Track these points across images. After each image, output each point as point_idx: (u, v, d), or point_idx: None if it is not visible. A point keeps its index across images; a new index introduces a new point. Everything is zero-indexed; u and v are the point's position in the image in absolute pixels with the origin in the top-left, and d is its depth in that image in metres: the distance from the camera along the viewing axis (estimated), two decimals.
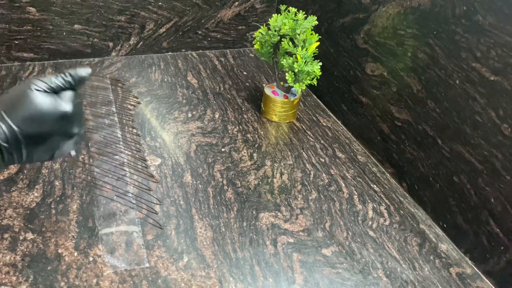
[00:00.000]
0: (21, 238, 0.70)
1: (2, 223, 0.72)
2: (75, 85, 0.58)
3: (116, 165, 0.86)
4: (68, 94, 0.57)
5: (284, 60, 0.98)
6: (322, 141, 1.03)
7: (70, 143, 0.59)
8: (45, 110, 0.54)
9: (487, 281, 0.74)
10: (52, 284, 0.64)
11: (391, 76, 0.93)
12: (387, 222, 0.83)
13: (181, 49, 1.34)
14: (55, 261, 0.67)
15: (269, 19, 1.00)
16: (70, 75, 0.57)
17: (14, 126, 0.52)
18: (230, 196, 0.84)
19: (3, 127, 0.52)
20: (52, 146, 0.57)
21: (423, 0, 0.82)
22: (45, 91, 0.54)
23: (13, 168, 0.82)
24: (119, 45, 1.25)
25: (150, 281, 0.66)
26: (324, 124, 1.10)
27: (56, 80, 0.56)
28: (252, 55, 1.39)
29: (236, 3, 1.33)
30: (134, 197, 0.80)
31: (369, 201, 0.87)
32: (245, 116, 1.08)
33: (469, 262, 0.77)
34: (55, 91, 0.56)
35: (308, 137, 1.04)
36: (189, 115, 1.06)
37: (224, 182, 0.87)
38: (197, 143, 0.96)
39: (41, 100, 0.53)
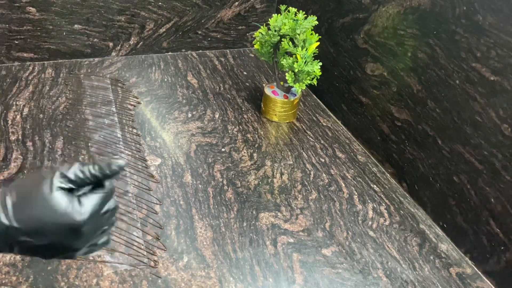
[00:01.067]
0: None
1: None
2: (105, 179, 0.47)
3: None
4: (92, 199, 0.46)
5: (284, 60, 0.98)
6: (322, 141, 1.03)
7: (69, 256, 0.47)
8: (55, 219, 0.44)
9: (487, 281, 0.74)
10: (52, 284, 0.64)
11: (391, 76, 0.93)
12: (387, 222, 0.83)
13: (181, 49, 1.34)
14: (55, 261, 0.67)
15: (269, 19, 1.00)
16: (102, 169, 0.46)
17: (14, 223, 0.43)
18: (230, 196, 0.84)
19: (5, 221, 0.43)
20: (49, 253, 0.46)
21: (423, 0, 0.82)
22: (66, 189, 0.45)
23: (13, 168, 0.82)
24: (119, 45, 1.25)
25: (150, 281, 0.66)
26: (324, 124, 1.10)
27: (85, 172, 0.46)
28: (252, 55, 1.39)
29: (236, 3, 1.33)
30: (134, 197, 0.80)
31: (369, 201, 0.87)
32: (245, 116, 1.08)
33: (469, 262, 0.77)
34: (79, 185, 0.46)
35: (308, 137, 1.04)
36: (189, 115, 1.06)
37: (224, 182, 0.87)
38: (197, 143, 0.96)
39: (56, 204, 0.43)
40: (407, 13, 0.86)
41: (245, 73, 1.28)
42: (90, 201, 0.45)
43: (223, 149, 0.95)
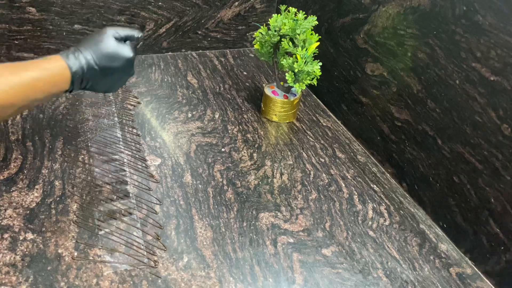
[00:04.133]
0: (21, 238, 0.70)
1: (2, 223, 0.72)
2: (134, 38, 0.76)
3: (116, 165, 0.86)
4: (132, 43, 0.75)
5: (284, 60, 0.98)
6: (322, 141, 1.03)
7: (124, 81, 0.78)
8: (118, 52, 0.72)
9: (487, 281, 0.74)
10: (52, 284, 0.64)
11: (391, 76, 0.93)
12: (387, 222, 0.83)
13: (181, 49, 1.34)
14: (55, 261, 0.67)
15: (269, 19, 1.00)
16: (133, 32, 0.76)
17: (94, 58, 0.70)
18: (230, 196, 0.84)
19: (87, 56, 0.69)
20: (113, 80, 0.74)
21: (423, 0, 0.82)
22: (117, 39, 0.73)
23: (13, 168, 0.82)
24: None
25: (150, 281, 0.66)
26: (324, 124, 1.10)
27: (125, 32, 0.75)
28: (252, 55, 1.39)
29: (236, 3, 1.33)
30: (134, 197, 0.80)
31: (369, 201, 0.87)
32: (245, 116, 1.08)
33: (469, 262, 0.77)
34: (123, 39, 0.74)
35: (308, 137, 1.04)
36: (189, 115, 1.06)
37: (224, 182, 0.87)
38: (197, 143, 0.96)
39: (115, 44, 0.72)
40: (407, 13, 0.86)
41: (245, 73, 1.28)
42: (132, 46, 0.75)
43: (223, 149, 0.95)
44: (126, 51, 0.73)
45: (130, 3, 1.20)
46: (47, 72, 0.65)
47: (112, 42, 0.72)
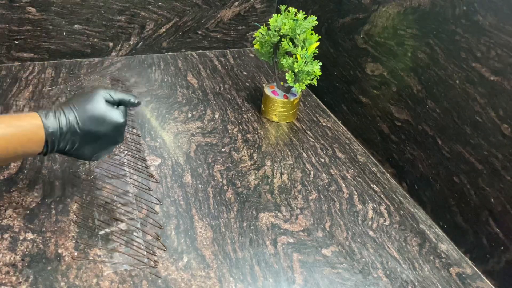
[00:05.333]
0: (21, 238, 0.70)
1: (2, 223, 0.72)
2: (129, 104, 0.70)
3: (116, 165, 0.86)
4: (123, 109, 0.69)
5: (284, 60, 0.98)
6: (322, 141, 1.03)
7: (111, 150, 0.71)
8: (106, 116, 0.65)
9: (487, 281, 0.74)
10: (52, 284, 0.64)
11: (391, 76, 0.93)
12: (387, 222, 0.83)
13: (181, 49, 1.34)
14: (55, 261, 0.67)
15: (269, 19, 1.00)
16: (129, 97, 0.70)
17: (78, 119, 0.63)
18: (230, 196, 0.84)
19: (70, 117, 0.62)
20: (97, 147, 0.67)
21: (423, 0, 0.82)
22: (109, 102, 0.67)
23: (13, 168, 0.82)
24: (119, 45, 1.25)
25: (150, 281, 0.66)
26: (324, 124, 1.10)
27: (119, 95, 0.68)
28: (252, 55, 1.39)
29: (236, 3, 1.33)
30: (134, 197, 0.80)
31: (369, 201, 0.87)
32: (245, 116, 1.08)
33: (469, 262, 0.77)
34: (115, 104, 0.68)
35: (308, 137, 1.04)
36: (189, 115, 1.06)
37: (224, 182, 0.87)
38: (197, 143, 0.96)
39: (105, 107, 0.65)
40: (407, 13, 0.86)
41: (245, 73, 1.28)
42: (123, 111, 0.69)
43: (223, 149, 0.95)
44: (115, 116, 0.66)
45: (130, 3, 1.20)
46: (16, 130, 0.59)
47: (102, 105, 0.65)
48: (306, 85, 0.99)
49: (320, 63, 0.97)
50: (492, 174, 0.72)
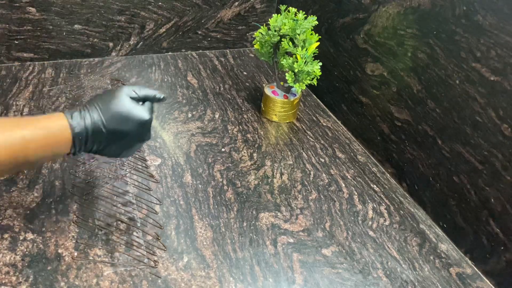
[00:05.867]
0: (21, 238, 0.70)
1: (2, 223, 0.72)
2: (154, 100, 0.68)
3: (116, 165, 0.86)
4: (149, 105, 0.67)
5: (284, 60, 0.98)
6: (322, 141, 1.03)
7: (138, 147, 0.69)
8: (131, 114, 0.63)
9: (487, 281, 0.74)
10: (52, 284, 0.64)
11: (391, 76, 0.93)
12: (387, 222, 0.83)
13: (181, 49, 1.34)
14: (55, 261, 0.67)
15: (269, 19, 1.00)
16: (154, 92, 0.68)
17: (103, 118, 0.61)
18: (230, 196, 0.84)
19: (95, 116, 0.61)
20: (124, 145, 0.66)
21: (423, 0, 0.82)
22: (133, 98, 0.65)
23: None
24: (119, 45, 1.25)
25: (150, 281, 0.66)
26: (324, 124, 1.10)
27: (144, 91, 0.67)
28: (252, 55, 1.39)
29: (236, 3, 1.33)
30: (134, 197, 0.80)
31: (369, 201, 0.87)
32: (245, 116, 1.08)
33: (469, 262, 0.77)
34: (140, 100, 0.66)
35: (308, 137, 1.04)
36: (189, 115, 1.06)
37: (224, 182, 0.87)
38: (197, 143, 0.96)
39: (130, 104, 0.64)
40: (407, 13, 0.86)
41: (245, 73, 1.28)
42: (149, 106, 0.67)
43: (223, 149, 0.95)
44: (140, 113, 0.64)
45: (130, 3, 1.20)
46: (43, 132, 0.58)
47: (126, 102, 0.63)
48: (306, 85, 0.99)
49: (320, 63, 0.97)
50: (492, 174, 0.72)
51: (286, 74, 0.99)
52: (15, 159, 0.55)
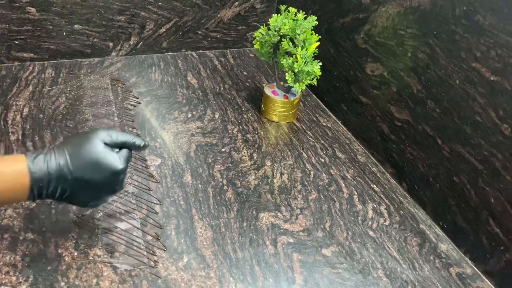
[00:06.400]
0: (21, 238, 0.70)
1: (2, 223, 0.72)
2: (133, 147, 0.63)
3: None
4: (125, 153, 0.61)
5: (284, 60, 0.98)
6: (322, 141, 1.03)
7: (107, 199, 0.63)
8: (102, 162, 0.58)
9: (487, 281, 0.74)
10: (52, 284, 0.64)
11: (391, 76, 0.93)
12: (387, 222, 0.83)
13: (181, 49, 1.34)
14: (55, 261, 0.67)
15: (269, 19, 1.00)
16: (134, 139, 0.62)
17: (69, 164, 0.56)
18: (230, 196, 0.84)
19: (61, 161, 0.56)
20: (92, 195, 0.60)
21: (423, 0, 0.82)
22: (108, 144, 0.59)
23: None
24: (119, 45, 1.25)
25: (150, 281, 0.66)
26: (324, 124, 1.10)
27: (121, 137, 0.61)
28: (252, 55, 1.39)
29: (236, 3, 1.33)
30: (134, 197, 0.80)
31: (369, 201, 0.87)
32: (245, 116, 1.08)
33: (469, 262, 0.77)
34: (116, 147, 0.61)
35: (308, 137, 1.04)
36: (189, 115, 1.06)
37: (224, 182, 0.87)
38: (197, 143, 0.96)
39: (102, 151, 0.58)
40: (407, 13, 0.86)
41: (245, 73, 1.28)
42: (124, 156, 0.60)
43: (223, 149, 0.95)
44: (113, 161, 0.58)
45: (130, 3, 1.20)
46: None
47: (99, 148, 0.58)
48: (306, 85, 0.99)
49: (320, 63, 0.97)
50: (492, 174, 0.72)
51: (286, 74, 0.99)
52: None
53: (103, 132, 0.59)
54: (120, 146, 0.61)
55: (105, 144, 0.59)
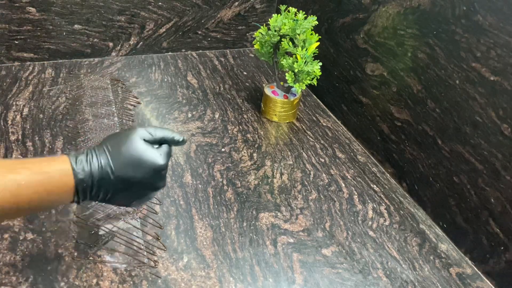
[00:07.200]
0: (21, 238, 0.70)
1: (2, 223, 0.72)
2: (172, 142, 0.61)
3: None
4: (166, 149, 0.60)
5: (284, 60, 0.98)
6: (322, 141, 1.03)
7: (151, 196, 0.61)
8: (144, 158, 0.56)
9: (487, 281, 0.74)
10: (52, 284, 0.64)
11: (391, 76, 0.93)
12: (387, 222, 0.83)
13: (181, 49, 1.34)
14: (55, 261, 0.67)
15: (269, 19, 1.00)
16: (173, 134, 0.61)
17: (111, 164, 0.55)
18: (230, 196, 0.84)
19: (103, 161, 0.55)
20: (135, 194, 0.59)
21: (423, 0, 0.82)
22: (148, 141, 0.58)
23: None
24: (119, 45, 1.25)
25: (150, 281, 0.66)
26: (324, 124, 1.10)
27: (160, 133, 0.60)
28: (252, 55, 1.39)
29: (236, 3, 1.33)
30: None
31: (369, 201, 0.87)
32: (245, 116, 1.08)
33: (469, 262, 0.77)
34: (156, 143, 0.60)
35: (308, 137, 1.04)
36: (189, 115, 1.06)
37: (224, 182, 0.87)
38: (197, 143, 0.96)
39: (143, 147, 0.57)
40: (407, 13, 0.86)
41: (245, 73, 1.28)
42: (165, 151, 0.59)
43: (223, 149, 0.95)
44: (154, 157, 0.57)
45: (130, 3, 1.20)
46: (40, 177, 0.51)
47: (139, 145, 0.56)
48: (306, 85, 0.99)
49: (320, 63, 0.97)
50: (492, 174, 0.72)
51: (286, 74, 0.99)
52: (9, 204, 0.49)
53: (141, 130, 0.59)
54: (159, 142, 0.60)
55: (145, 141, 0.58)
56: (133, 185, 0.57)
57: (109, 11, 1.19)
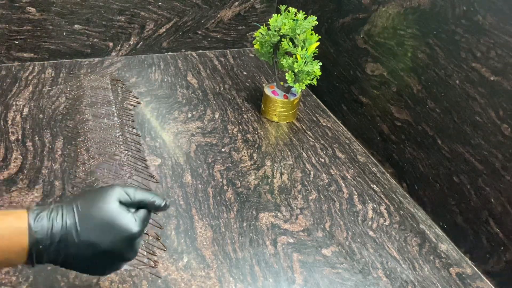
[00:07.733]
0: None
1: None
2: (152, 207, 0.55)
3: (116, 165, 0.86)
4: (143, 214, 0.54)
5: (284, 60, 0.98)
6: (322, 141, 1.03)
7: (119, 267, 0.55)
8: (116, 225, 0.50)
9: (487, 281, 0.74)
10: (52, 284, 0.64)
11: (391, 76, 0.93)
12: (387, 222, 0.83)
13: (181, 49, 1.34)
14: None
15: (269, 19, 1.00)
16: (153, 197, 0.55)
17: (78, 225, 0.49)
18: (230, 196, 0.84)
19: (68, 221, 0.49)
20: (99, 263, 0.52)
21: (423, 0, 0.82)
22: (125, 204, 0.52)
23: (13, 168, 0.82)
24: (119, 45, 1.25)
25: (150, 281, 0.66)
26: (324, 124, 1.10)
27: (140, 196, 0.54)
28: (252, 55, 1.39)
29: (236, 3, 1.33)
30: None
31: (369, 201, 0.87)
32: (245, 116, 1.08)
33: (469, 262, 0.77)
34: (133, 206, 0.53)
35: (308, 137, 1.04)
36: (189, 115, 1.06)
37: (224, 182, 0.87)
38: (197, 143, 0.96)
39: (117, 212, 0.50)
40: (407, 13, 0.86)
41: (245, 73, 1.28)
42: (140, 217, 0.53)
43: (223, 149, 0.95)
44: (127, 223, 0.50)
45: (130, 3, 1.20)
46: None
47: (113, 208, 0.50)
48: (306, 85, 0.99)
49: (320, 63, 0.97)
50: (492, 174, 0.72)
51: (286, 74, 0.99)
52: None
53: (119, 189, 0.52)
54: (137, 205, 0.54)
55: (120, 203, 0.52)
56: (99, 253, 0.50)
57: (109, 11, 1.19)
